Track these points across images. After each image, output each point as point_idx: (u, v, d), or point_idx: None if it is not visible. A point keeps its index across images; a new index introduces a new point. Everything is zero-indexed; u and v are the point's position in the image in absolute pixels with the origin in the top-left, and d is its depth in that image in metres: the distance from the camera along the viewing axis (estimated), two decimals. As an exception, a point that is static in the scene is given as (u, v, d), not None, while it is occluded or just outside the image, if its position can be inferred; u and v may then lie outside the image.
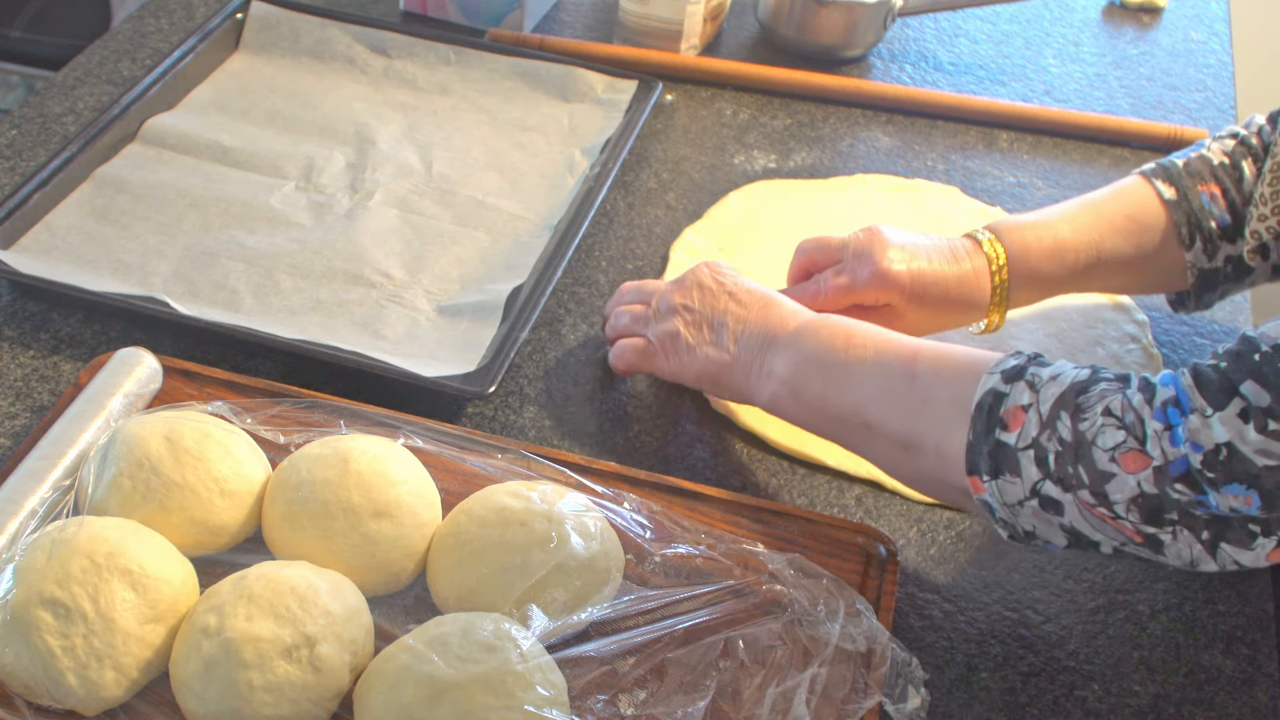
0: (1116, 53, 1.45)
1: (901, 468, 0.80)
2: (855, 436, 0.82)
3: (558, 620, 0.73)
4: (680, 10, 1.28)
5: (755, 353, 0.86)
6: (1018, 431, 0.71)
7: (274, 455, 0.82)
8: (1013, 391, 0.72)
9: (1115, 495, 0.69)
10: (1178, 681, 0.82)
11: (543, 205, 1.11)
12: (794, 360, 0.83)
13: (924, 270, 0.93)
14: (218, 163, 1.12)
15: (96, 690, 0.69)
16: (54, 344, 0.95)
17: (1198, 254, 0.96)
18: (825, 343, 0.82)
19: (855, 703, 0.73)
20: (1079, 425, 0.69)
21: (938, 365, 0.77)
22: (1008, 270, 0.94)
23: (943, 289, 0.93)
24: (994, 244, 0.94)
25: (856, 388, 0.80)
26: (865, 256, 0.93)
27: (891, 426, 0.78)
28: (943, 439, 0.75)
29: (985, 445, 0.72)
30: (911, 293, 0.92)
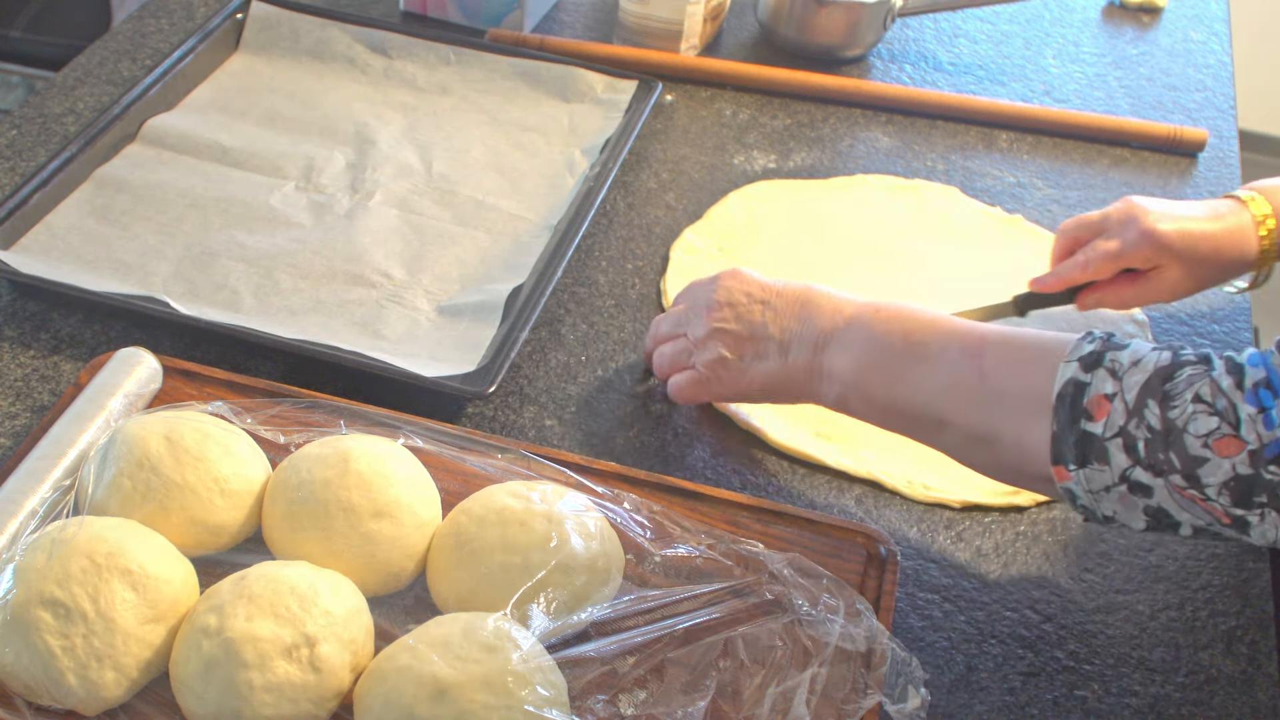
0: (1116, 53, 1.45)
1: (977, 459, 0.80)
2: (928, 432, 0.81)
3: (558, 620, 0.73)
4: (680, 10, 1.28)
5: (809, 356, 0.85)
6: (1104, 421, 0.71)
7: (274, 455, 0.82)
8: (1094, 380, 0.71)
9: (1208, 479, 0.68)
10: (1178, 681, 0.82)
11: (543, 205, 1.11)
12: (854, 360, 0.82)
13: (1191, 228, 0.95)
14: (218, 163, 1.12)
15: (96, 690, 0.69)
16: (54, 344, 0.95)
17: None
18: (883, 339, 0.81)
19: (855, 703, 0.73)
20: (1168, 413, 0.69)
21: (1007, 356, 0.77)
22: (1276, 222, 0.96)
23: (1213, 244, 0.95)
24: (1257, 200, 0.97)
25: (925, 385, 0.79)
26: (1129, 222, 0.95)
27: (965, 420, 0.78)
28: (1021, 431, 0.74)
29: (1071, 435, 0.72)
30: (1181, 250, 0.94)
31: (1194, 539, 0.81)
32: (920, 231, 1.15)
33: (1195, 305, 1.10)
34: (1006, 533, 0.90)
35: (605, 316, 1.03)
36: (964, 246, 1.14)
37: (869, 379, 0.82)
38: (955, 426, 0.78)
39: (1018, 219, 1.17)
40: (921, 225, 1.16)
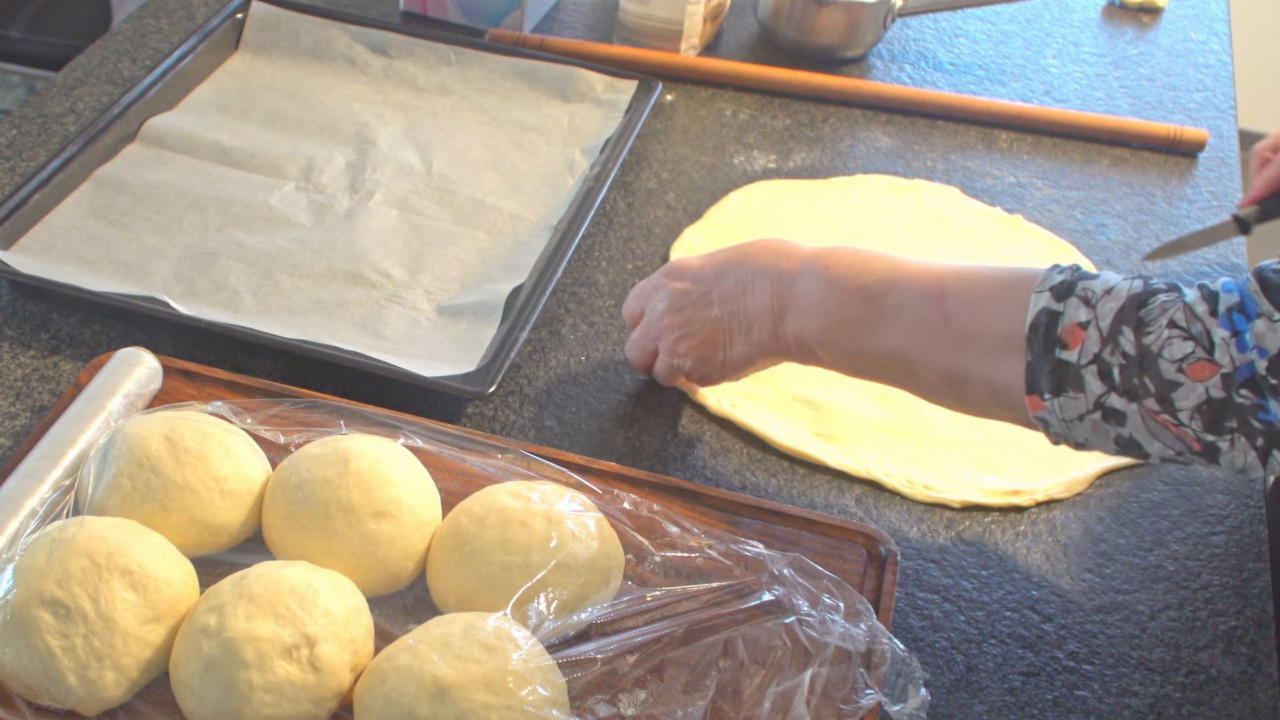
0: (1116, 53, 1.45)
1: (947, 399, 0.80)
2: (897, 379, 0.82)
3: (558, 620, 0.73)
4: (680, 10, 1.28)
5: (770, 328, 0.85)
6: (1078, 349, 0.71)
7: (274, 455, 0.82)
8: (1067, 309, 0.71)
9: (1181, 403, 0.68)
10: (1178, 681, 0.82)
11: (543, 205, 1.11)
12: (814, 322, 0.82)
13: None
14: (218, 163, 1.12)
15: (96, 690, 0.69)
16: (54, 344, 0.95)
17: None
18: (840, 297, 0.81)
19: (855, 703, 0.73)
20: (1143, 339, 0.69)
21: (969, 296, 0.76)
22: None
23: None
24: None
25: (890, 336, 0.79)
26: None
27: (934, 365, 0.78)
28: (991, 369, 0.75)
29: (1045, 365, 0.72)
30: None
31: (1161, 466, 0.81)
32: (920, 231, 1.15)
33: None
34: (1006, 533, 0.90)
35: (605, 316, 1.03)
36: (964, 246, 1.14)
37: (833, 338, 0.82)
38: (924, 371, 0.79)
39: (1018, 219, 1.17)
40: (921, 225, 1.16)
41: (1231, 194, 1.24)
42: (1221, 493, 0.93)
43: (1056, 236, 1.16)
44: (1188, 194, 1.23)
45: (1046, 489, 0.92)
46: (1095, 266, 1.13)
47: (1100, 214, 1.20)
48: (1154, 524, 0.91)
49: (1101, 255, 1.15)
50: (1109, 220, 1.19)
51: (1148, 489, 0.94)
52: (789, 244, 0.86)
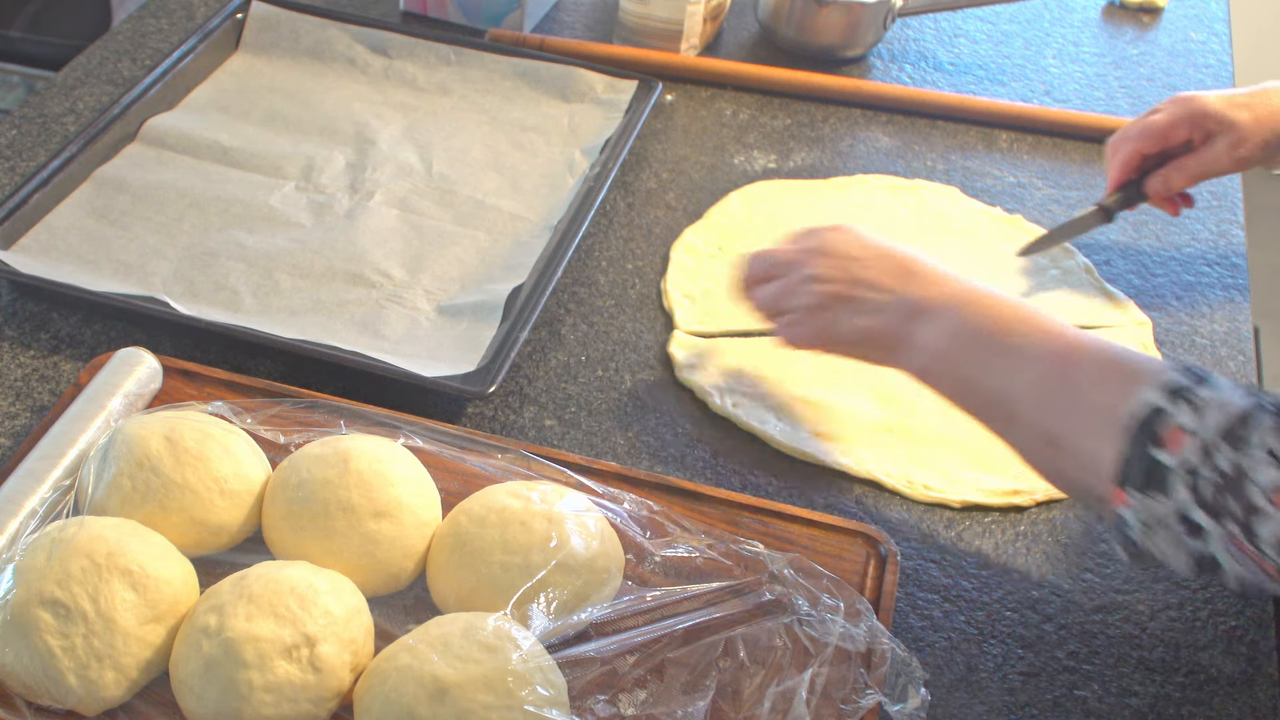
0: (1116, 53, 1.45)
1: (1040, 460, 0.79)
2: (998, 422, 0.80)
3: (558, 620, 0.73)
4: (680, 10, 1.28)
5: (902, 322, 0.84)
6: (1175, 453, 0.69)
7: (274, 455, 0.82)
8: (1175, 410, 0.70)
9: (1264, 532, 0.66)
10: (1178, 681, 0.82)
11: (543, 205, 1.11)
12: (946, 335, 0.81)
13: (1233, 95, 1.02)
14: (218, 163, 1.12)
15: (96, 690, 0.69)
16: (54, 344, 0.95)
17: None
18: (976, 322, 0.81)
19: (855, 703, 0.73)
20: (1239, 460, 0.67)
21: (1095, 366, 0.75)
22: None
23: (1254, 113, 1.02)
24: None
25: (1007, 376, 0.78)
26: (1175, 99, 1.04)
27: (1038, 420, 0.77)
28: (1090, 444, 0.73)
29: (1139, 460, 0.70)
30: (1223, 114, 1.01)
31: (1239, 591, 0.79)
32: (920, 231, 1.15)
33: (1196, 306, 1.10)
34: (1006, 533, 0.90)
35: (605, 316, 1.03)
36: (964, 246, 1.14)
37: (955, 358, 0.81)
38: (1027, 423, 0.77)
39: (1018, 219, 1.17)
40: (921, 225, 1.16)
41: (1232, 194, 1.24)
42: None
43: (1056, 236, 1.16)
44: (1188, 194, 1.23)
45: (1046, 489, 0.92)
46: (1095, 266, 1.13)
47: (1100, 214, 1.20)
48: (1154, 524, 0.91)
49: (1101, 255, 1.15)
50: (1109, 220, 1.19)
51: (1148, 489, 0.94)
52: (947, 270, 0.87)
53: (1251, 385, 0.72)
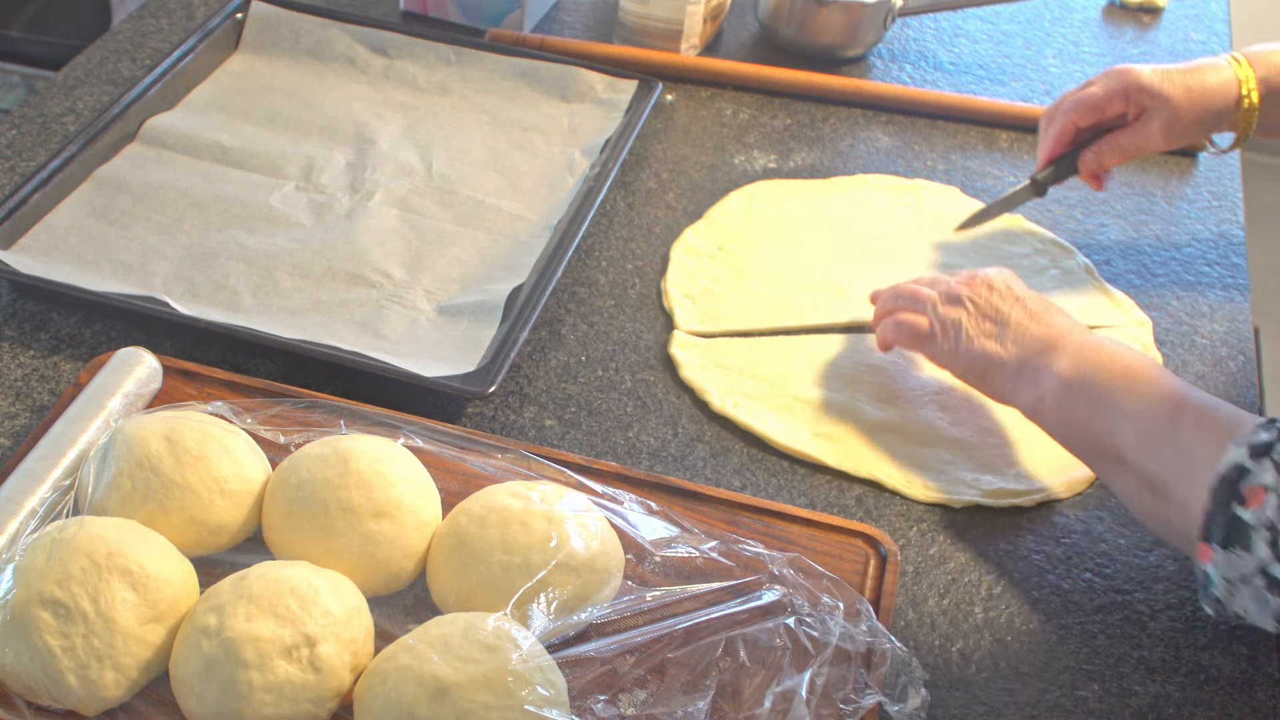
0: (1116, 53, 1.45)
1: (1142, 505, 0.80)
2: (1105, 464, 0.82)
3: (558, 620, 0.73)
4: (680, 10, 1.28)
5: (1029, 354, 0.87)
6: (1256, 510, 0.70)
7: (274, 455, 0.82)
8: (1257, 469, 0.71)
9: None
10: (1178, 681, 0.82)
11: (543, 205, 1.11)
12: (1065, 374, 0.84)
13: (1169, 70, 1.01)
14: (218, 163, 1.12)
15: (96, 690, 0.69)
16: (54, 344, 0.95)
17: None
18: (1099, 367, 0.83)
19: (855, 703, 0.73)
20: None
21: (1204, 419, 0.77)
22: (1258, 92, 1.01)
23: (1188, 90, 1.01)
24: (1243, 64, 1.02)
25: (1119, 420, 0.80)
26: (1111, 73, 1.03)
27: (1144, 467, 0.78)
28: (1192, 495, 0.74)
29: (1221, 516, 0.72)
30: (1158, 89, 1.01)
31: None
32: (920, 231, 1.15)
33: (1196, 306, 1.10)
34: (1006, 533, 0.90)
35: (605, 316, 1.03)
36: (964, 247, 1.14)
37: (1071, 396, 0.83)
38: (1134, 468, 0.79)
39: (1018, 219, 1.17)
40: (921, 225, 1.16)
41: (1231, 194, 1.24)
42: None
43: (1056, 236, 1.16)
44: (1188, 194, 1.23)
45: (1046, 489, 0.92)
46: (1095, 267, 1.13)
47: (1100, 214, 1.20)
48: (1154, 524, 0.91)
49: (1102, 255, 1.15)
50: (1109, 220, 1.19)
51: (1148, 489, 0.94)
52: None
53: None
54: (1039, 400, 0.85)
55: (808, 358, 1.01)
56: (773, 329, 1.03)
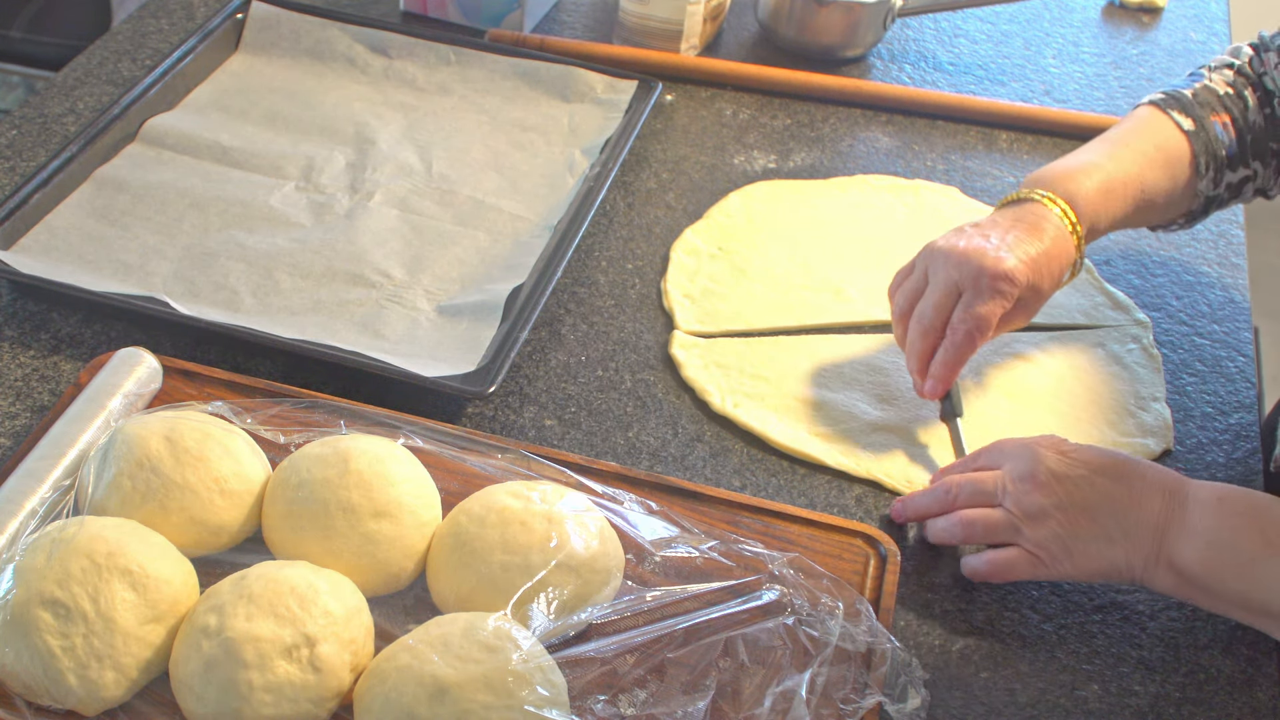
0: (1116, 53, 1.45)
1: None
2: (1263, 623, 0.79)
3: (558, 620, 0.73)
4: (680, 10, 1.28)
5: (1150, 543, 0.79)
6: None
7: (274, 455, 0.82)
8: None
9: None
10: (1178, 681, 0.82)
11: (543, 205, 1.11)
12: (1200, 554, 0.78)
13: (1035, 255, 0.90)
14: (218, 163, 1.12)
15: (96, 690, 0.69)
16: (54, 344, 0.95)
17: (1208, 182, 1.00)
18: (1235, 535, 0.77)
19: (855, 703, 0.73)
20: None
21: None
22: (1076, 218, 0.93)
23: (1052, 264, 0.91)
24: (1055, 200, 0.93)
25: (1269, 588, 0.76)
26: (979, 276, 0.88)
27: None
28: None
29: None
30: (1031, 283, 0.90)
31: None
32: (920, 231, 1.15)
33: (1196, 306, 1.10)
34: (1006, 533, 0.90)
35: (605, 316, 1.03)
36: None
37: (1216, 574, 0.78)
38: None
39: (1018, 219, 1.17)
40: (921, 225, 1.16)
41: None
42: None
43: (1056, 236, 1.16)
44: (1188, 194, 1.23)
45: (1046, 489, 0.92)
46: (1095, 267, 1.13)
47: (1100, 214, 1.20)
48: (1154, 524, 0.91)
49: (1101, 255, 1.15)
50: (1109, 220, 1.19)
51: (1148, 489, 0.94)
52: (1160, 468, 0.82)
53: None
54: (1180, 586, 0.79)
55: (808, 358, 1.01)
56: (773, 329, 1.03)
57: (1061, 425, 0.96)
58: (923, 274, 0.93)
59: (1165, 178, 0.98)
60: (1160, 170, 0.97)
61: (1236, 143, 1.00)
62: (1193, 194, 1.00)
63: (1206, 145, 0.99)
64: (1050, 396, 0.99)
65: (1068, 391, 1.00)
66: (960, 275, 0.89)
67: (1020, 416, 0.97)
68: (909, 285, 0.94)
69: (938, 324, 0.91)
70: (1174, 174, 0.98)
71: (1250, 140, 1.00)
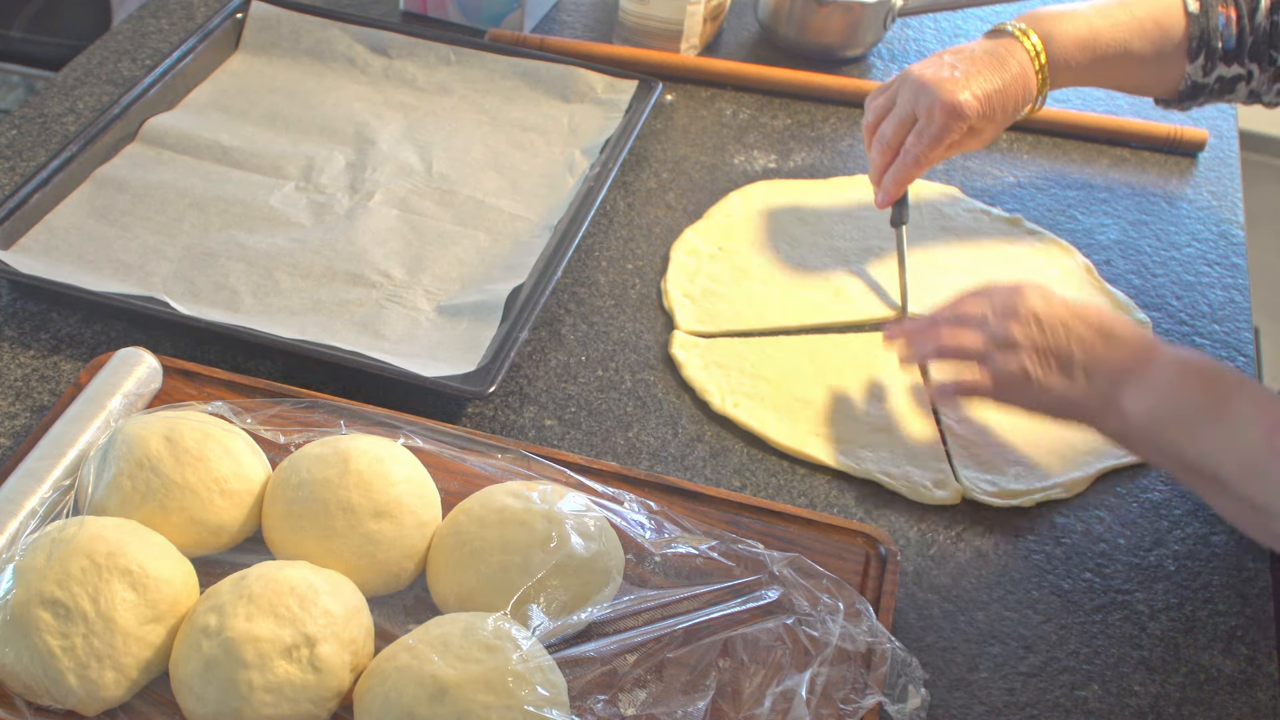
0: (1116, 53, 1.45)
1: (1247, 523, 0.80)
2: (1206, 489, 0.81)
3: (558, 620, 0.73)
4: (680, 10, 1.28)
5: (1107, 388, 0.82)
6: None
7: (274, 455, 0.82)
8: None
9: None
10: (1178, 681, 0.82)
11: (543, 205, 1.11)
12: (1150, 406, 0.80)
13: (988, 89, 0.99)
14: (218, 163, 1.12)
15: (96, 690, 0.69)
16: (54, 344, 0.95)
17: (1197, 68, 1.03)
18: (1185, 393, 0.80)
19: (855, 703, 0.73)
20: None
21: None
22: (1045, 58, 1.01)
23: (1003, 96, 1.00)
24: (1027, 34, 1.01)
25: (1217, 448, 0.78)
26: (931, 104, 0.98)
27: (1248, 490, 0.78)
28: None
29: None
30: (985, 113, 0.99)
31: None
32: (920, 231, 1.15)
33: (1196, 306, 1.10)
34: (1006, 533, 0.90)
35: (605, 316, 1.03)
36: (964, 246, 1.14)
37: (1161, 428, 0.80)
38: (1235, 492, 0.78)
39: (1018, 219, 1.17)
40: (921, 225, 1.16)
41: (1231, 194, 1.24)
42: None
43: (1056, 236, 1.16)
44: (1188, 194, 1.23)
45: (1046, 489, 0.92)
46: (1095, 267, 1.13)
47: (1100, 214, 1.20)
48: (1154, 524, 0.91)
49: (1101, 255, 1.15)
50: (1109, 220, 1.19)
51: (1148, 489, 0.94)
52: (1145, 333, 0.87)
53: None
54: (1126, 434, 0.83)
55: (808, 358, 1.01)
56: (773, 329, 1.03)
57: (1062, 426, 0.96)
58: (893, 95, 1.03)
59: (1152, 51, 1.02)
60: (1148, 42, 1.02)
61: (1236, 39, 1.02)
62: (1179, 75, 1.04)
63: (1204, 32, 1.01)
64: (1050, 396, 0.99)
65: (1068, 391, 1.00)
66: (918, 104, 1.00)
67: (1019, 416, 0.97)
68: (880, 103, 1.04)
69: (894, 144, 1.02)
70: (1161, 50, 1.02)
71: (1251, 42, 1.02)
